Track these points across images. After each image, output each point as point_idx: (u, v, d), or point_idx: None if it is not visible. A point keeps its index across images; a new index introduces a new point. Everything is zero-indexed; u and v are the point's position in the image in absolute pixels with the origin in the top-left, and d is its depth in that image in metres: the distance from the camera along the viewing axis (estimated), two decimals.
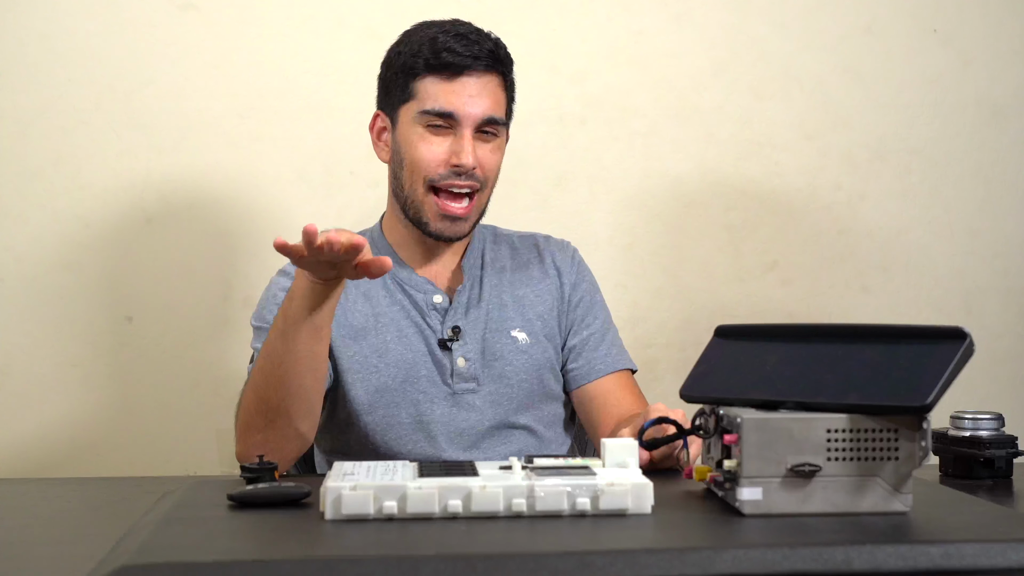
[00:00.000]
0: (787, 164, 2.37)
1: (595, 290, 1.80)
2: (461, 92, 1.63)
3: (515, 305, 1.72)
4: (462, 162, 1.62)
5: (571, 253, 1.80)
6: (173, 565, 0.90)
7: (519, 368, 1.69)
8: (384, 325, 1.67)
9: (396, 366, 1.65)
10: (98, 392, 2.22)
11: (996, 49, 2.40)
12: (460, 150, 1.62)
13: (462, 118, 1.63)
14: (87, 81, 2.21)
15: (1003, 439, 1.45)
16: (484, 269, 1.74)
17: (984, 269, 2.41)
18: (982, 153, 2.41)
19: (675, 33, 2.34)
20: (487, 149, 1.66)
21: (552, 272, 1.76)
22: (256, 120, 2.24)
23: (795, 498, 1.05)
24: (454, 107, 1.62)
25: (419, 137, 1.64)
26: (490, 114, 1.65)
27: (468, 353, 1.67)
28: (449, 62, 1.62)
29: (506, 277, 1.74)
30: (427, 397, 1.65)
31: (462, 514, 1.04)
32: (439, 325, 1.68)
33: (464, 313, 1.69)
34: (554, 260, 1.78)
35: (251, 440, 1.49)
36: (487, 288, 1.72)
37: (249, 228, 2.25)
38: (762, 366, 1.16)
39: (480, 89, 1.64)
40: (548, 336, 1.73)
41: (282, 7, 2.26)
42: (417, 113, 1.64)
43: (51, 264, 2.21)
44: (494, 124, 1.66)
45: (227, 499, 1.14)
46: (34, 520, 1.29)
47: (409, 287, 1.70)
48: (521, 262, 1.77)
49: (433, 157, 1.63)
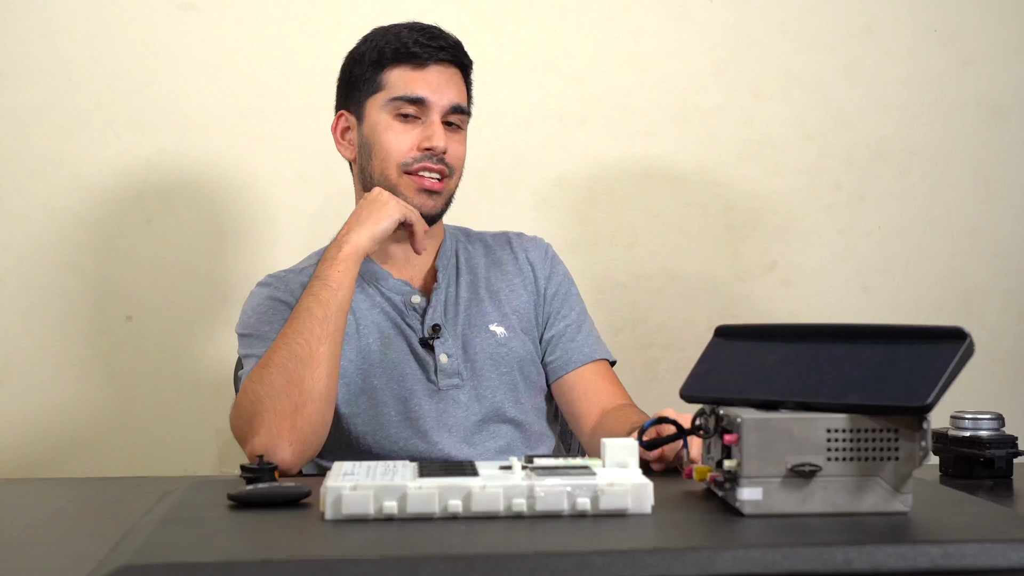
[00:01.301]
0: (787, 164, 2.37)
1: (570, 283, 1.82)
2: (429, 79, 1.68)
3: (491, 300, 1.75)
4: (434, 144, 1.66)
5: (544, 248, 1.83)
6: (173, 565, 0.90)
7: (500, 362, 1.71)
8: (366, 328, 1.69)
9: (381, 367, 1.67)
10: (98, 392, 2.22)
11: (996, 49, 2.40)
12: (432, 134, 1.67)
13: (431, 104, 1.67)
14: (87, 81, 2.21)
15: (1003, 439, 1.45)
16: (459, 267, 1.77)
17: (984, 269, 2.41)
18: (982, 153, 2.41)
19: (675, 33, 2.34)
20: (455, 140, 1.70)
21: (526, 267, 1.79)
22: (256, 120, 2.25)
23: (795, 498, 1.05)
24: (424, 93, 1.67)
25: (387, 127, 1.68)
26: (457, 102, 1.70)
27: (450, 349, 1.69)
28: (416, 52, 1.68)
29: (481, 274, 1.77)
30: (414, 395, 1.66)
31: (462, 514, 1.04)
32: (419, 324, 1.70)
33: (443, 311, 1.71)
34: (527, 255, 1.81)
35: (275, 429, 1.46)
36: (463, 285, 1.75)
37: (249, 228, 2.25)
38: (762, 366, 1.16)
39: (447, 79, 1.70)
40: (525, 330, 1.75)
41: (282, 7, 2.26)
42: (386, 102, 1.68)
43: (51, 264, 2.21)
44: (460, 114, 1.71)
45: (227, 499, 1.14)
46: (34, 520, 1.29)
47: (387, 290, 1.72)
48: (495, 259, 1.80)
49: (404, 144, 1.67)
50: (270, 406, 1.47)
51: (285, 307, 1.66)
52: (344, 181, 2.28)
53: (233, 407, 1.56)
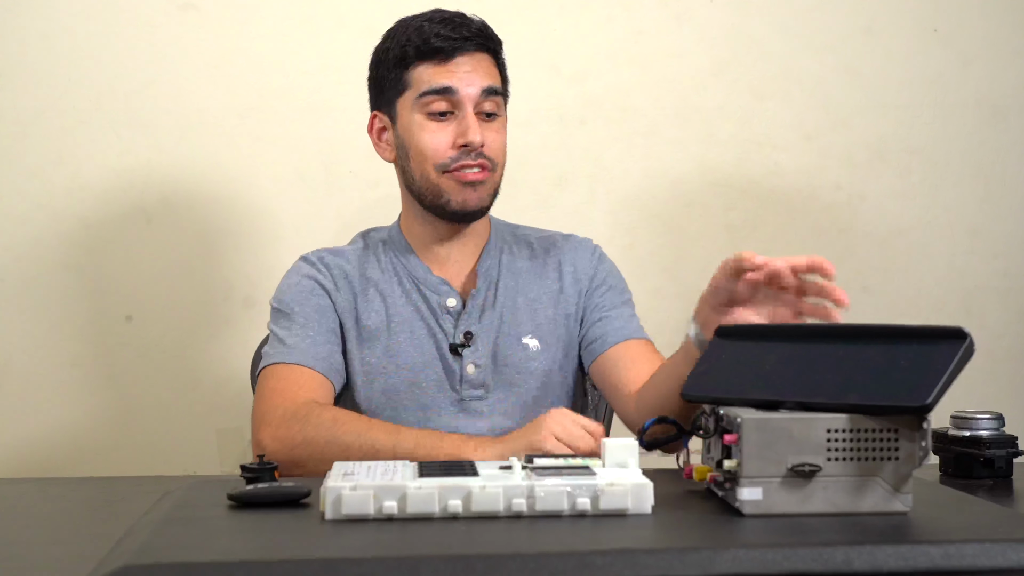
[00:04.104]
0: (787, 164, 2.37)
1: (615, 278, 1.77)
2: (456, 71, 1.63)
3: (528, 310, 1.71)
4: (469, 139, 1.61)
5: (590, 249, 1.78)
6: (173, 565, 0.90)
7: (528, 375, 1.68)
8: (397, 325, 1.67)
9: (406, 369, 1.66)
10: (98, 392, 2.22)
11: (996, 49, 2.40)
12: (466, 128, 1.61)
13: (462, 96, 1.62)
14: (87, 81, 2.21)
15: (1003, 439, 1.44)
16: (500, 271, 1.73)
17: (984, 269, 2.41)
18: (982, 153, 2.41)
19: (675, 33, 2.34)
20: (491, 129, 1.65)
21: (568, 274, 1.74)
22: (256, 120, 2.25)
23: (795, 498, 1.05)
24: (451, 83, 1.62)
25: (420, 126, 1.63)
26: (488, 84, 1.64)
27: (479, 360, 1.66)
28: (439, 47, 1.62)
29: (522, 280, 1.73)
30: (434, 402, 1.65)
31: (462, 514, 1.04)
32: (452, 329, 1.67)
33: (478, 318, 1.68)
34: (574, 261, 1.76)
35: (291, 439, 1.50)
36: (502, 291, 1.71)
37: (249, 228, 2.25)
38: (762, 366, 1.16)
39: (474, 66, 1.64)
40: (559, 338, 1.71)
41: (282, 7, 2.26)
42: (415, 100, 1.63)
43: (51, 264, 2.21)
44: (494, 96, 1.65)
45: (227, 499, 1.14)
46: (34, 520, 1.29)
47: (424, 287, 1.69)
48: (537, 266, 1.75)
49: (439, 143, 1.62)
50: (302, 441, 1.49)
51: (322, 291, 1.66)
52: (343, 181, 2.29)
53: (266, 396, 1.57)
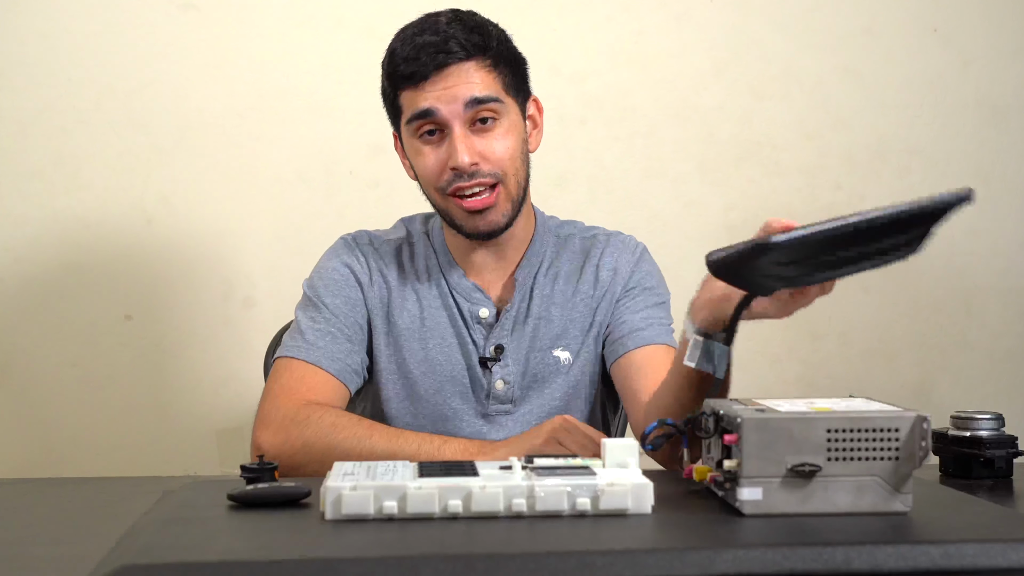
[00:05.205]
0: (787, 164, 2.37)
1: (655, 280, 1.73)
2: (432, 90, 1.56)
3: (562, 320, 1.67)
4: (456, 164, 1.55)
5: (632, 248, 1.73)
6: (173, 565, 0.90)
7: (556, 389, 1.66)
8: (429, 330, 1.65)
9: (433, 376, 1.64)
10: (98, 392, 2.22)
11: (996, 49, 2.40)
12: (453, 151, 1.55)
13: (444, 115, 1.55)
14: (87, 81, 2.21)
15: (1003, 439, 1.44)
16: (537, 279, 1.68)
17: (984, 269, 2.41)
18: (982, 153, 2.41)
19: (675, 33, 2.34)
20: (489, 138, 1.57)
21: (606, 274, 1.70)
22: (256, 120, 2.25)
23: (795, 498, 1.05)
24: (428, 104, 1.55)
25: (416, 150, 1.60)
26: (471, 94, 1.55)
27: (508, 375, 1.64)
28: (412, 71, 1.56)
29: (558, 287, 1.69)
30: (456, 414, 1.64)
31: (462, 514, 1.04)
32: (483, 340, 1.65)
33: (510, 330, 1.65)
34: (615, 262, 1.71)
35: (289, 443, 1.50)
36: (536, 301, 1.67)
37: (249, 228, 2.25)
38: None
39: (456, 80, 1.55)
40: (589, 349, 1.68)
41: (282, 7, 2.26)
42: (406, 125, 1.60)
43: (51, 264, 2.21)
44: (483, 105, 1.56)
45: (227, 499, 1.14)
46: (34, 520, 1.29)
47: (458, 293, 1.66)
48: (576, 267, 1.71)
49: (432, 167, 1.58)
50: (301, 446, 1.49)
51: (355, 283, 1.64)
52: (343, 181, 2.29)
53: (273, 393, 1.56)
